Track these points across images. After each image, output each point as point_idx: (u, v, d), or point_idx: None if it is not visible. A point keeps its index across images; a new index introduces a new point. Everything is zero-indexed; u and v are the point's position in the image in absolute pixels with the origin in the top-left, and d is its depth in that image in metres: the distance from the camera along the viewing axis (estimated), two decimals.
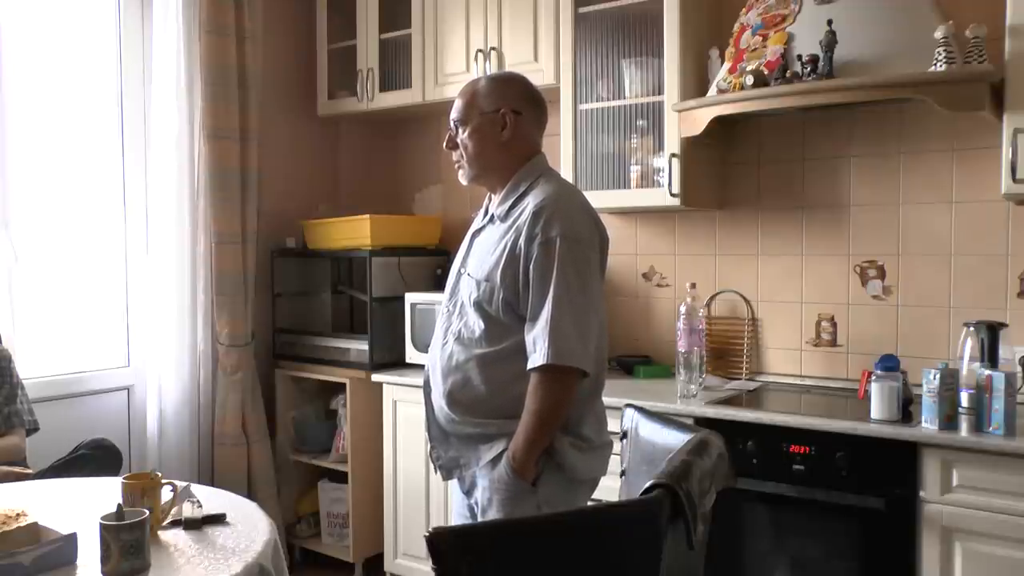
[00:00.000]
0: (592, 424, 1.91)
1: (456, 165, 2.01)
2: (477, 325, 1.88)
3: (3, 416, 2.61)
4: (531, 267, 1.81)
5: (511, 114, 1.94)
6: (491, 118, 1.94)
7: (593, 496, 1.97)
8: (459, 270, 2.00)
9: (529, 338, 1.81)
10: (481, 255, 1.93)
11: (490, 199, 2.02)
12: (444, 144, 2.02)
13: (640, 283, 3.29)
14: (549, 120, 2.08)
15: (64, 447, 2.72)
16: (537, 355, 1.78)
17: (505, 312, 1.85)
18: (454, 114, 1.99)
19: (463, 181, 2.01)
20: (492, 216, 1.97)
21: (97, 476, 2.39)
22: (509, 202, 1.93)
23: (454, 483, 2.03)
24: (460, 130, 1.98)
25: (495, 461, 1.85)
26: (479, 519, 1.91)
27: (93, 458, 2.61)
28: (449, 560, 0.93)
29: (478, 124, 1.95)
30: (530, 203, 1.87)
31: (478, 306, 1.88)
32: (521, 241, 1.83)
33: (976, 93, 2.26)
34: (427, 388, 2.01)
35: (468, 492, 1.98)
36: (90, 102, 3.25)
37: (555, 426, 1.81)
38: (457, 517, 2.07)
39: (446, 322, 1.98)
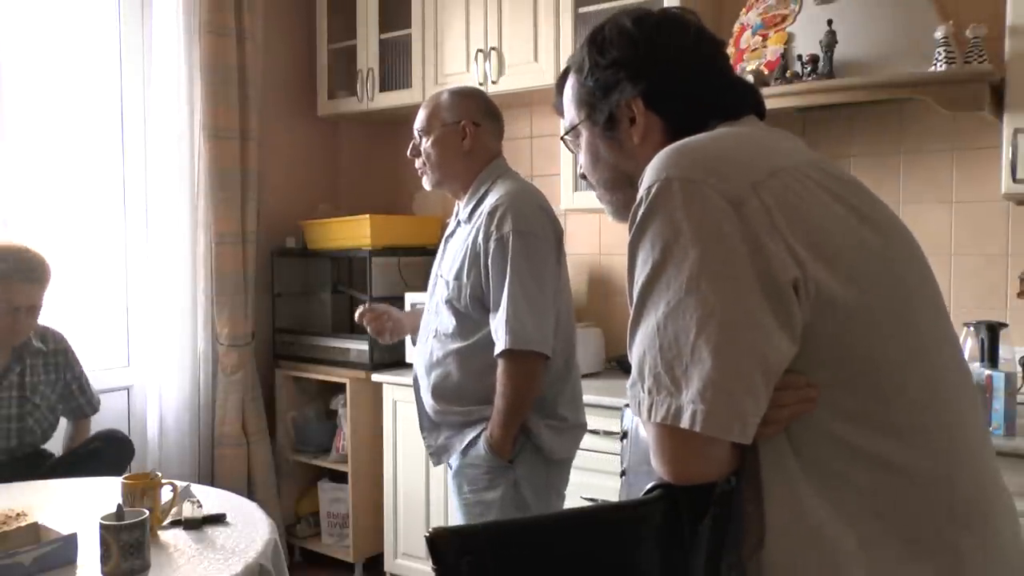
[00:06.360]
0: (567, 404, 2.05)
1: (420, 172, 2.14)
2: (450, 322, 2.03)
3: (78, 405, 2.69)
4: (489, 262, 1.95)
5: (471, 125, 2.07)
6: (452, 129, 2.07)
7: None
8: (436, 272, 2.15)
9: (492, 328, 1.96)
10: (451, 256, 2.08)
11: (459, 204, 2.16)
12: (408, 152, 2.14)
13: None
14: (549, 120, 2.12)
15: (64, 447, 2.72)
16: (499, 342, 1.92)
17: (474, 307, 1.99)
18: (417, 124, 2.12)
19: (426, 186, 2.16)
20: (459, 220, 2.12)
21: (111, 467, 2.44)
22: (471, 204, 2.07)
23: (452, 483, 2.10)
24: (423, 139, 2.11)
25: (475, 440, 1.99)
26: (459, 495, 2.03)
27: (108, 449, 2.62)
28: (449, 560, 0.93)
29: (440, 134, 2.08)
30: (487, 203, 2.01)
31: (449, 304, 2.03)
32: (480, 239, 1.97)
33: (976, 93, 2.26)
34: (416, 384, 2.16)
35: (455, 474, 2.10)
36: (90, 102, 3.24)
37: (526, 405, 1.94)
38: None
39: (427, 321, 2.12)
